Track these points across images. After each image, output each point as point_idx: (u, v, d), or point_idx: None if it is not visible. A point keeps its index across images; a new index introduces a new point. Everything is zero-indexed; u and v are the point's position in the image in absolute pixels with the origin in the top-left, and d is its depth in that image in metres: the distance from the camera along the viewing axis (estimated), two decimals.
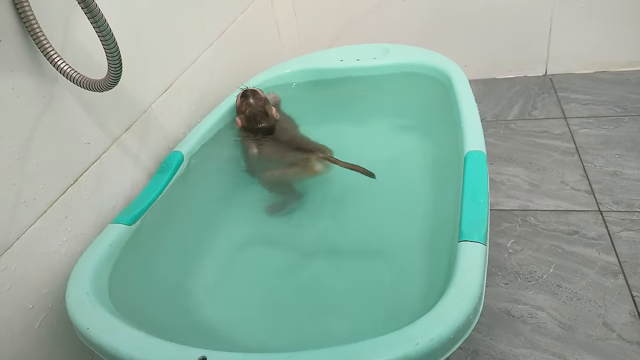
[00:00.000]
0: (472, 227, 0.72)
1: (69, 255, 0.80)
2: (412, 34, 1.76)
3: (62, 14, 0.78)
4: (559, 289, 1.00)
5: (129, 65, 0.95)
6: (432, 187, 1.08)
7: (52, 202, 0.77)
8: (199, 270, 0.97)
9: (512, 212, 1.19)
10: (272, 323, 0.85)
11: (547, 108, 1.56)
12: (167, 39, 1.09)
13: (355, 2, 1.74)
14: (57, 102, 0.78)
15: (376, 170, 1.02)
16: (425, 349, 0.55)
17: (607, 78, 1.65)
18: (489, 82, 1.77)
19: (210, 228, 1.07)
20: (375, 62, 1.28)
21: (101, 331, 0.64)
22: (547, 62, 1.72)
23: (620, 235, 1.09)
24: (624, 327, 0.91)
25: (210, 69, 1.27)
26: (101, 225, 0.87)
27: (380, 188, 1.07)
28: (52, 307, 0.77)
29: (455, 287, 0.62)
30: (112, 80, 0.72)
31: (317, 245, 1.00)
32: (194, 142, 1.06)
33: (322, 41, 1.85)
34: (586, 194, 1.21)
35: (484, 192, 0.79)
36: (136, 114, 0.98)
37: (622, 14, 1.56)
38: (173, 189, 0.96)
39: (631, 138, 1.36)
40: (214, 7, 1.29)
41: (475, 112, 0.99)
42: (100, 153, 0.88)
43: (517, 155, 1.38)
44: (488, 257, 1.03)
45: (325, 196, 1.11)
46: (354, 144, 1.24)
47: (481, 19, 1.68)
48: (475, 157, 0.87)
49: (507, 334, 0.93)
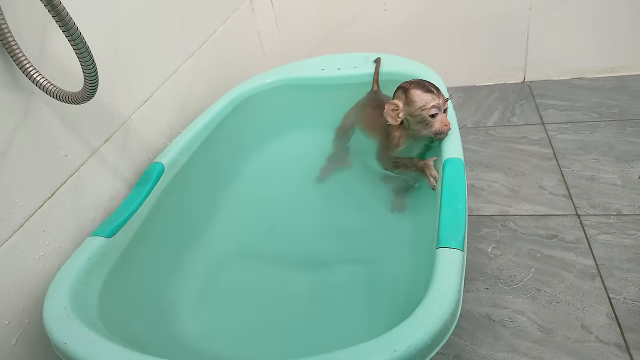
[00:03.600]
0: (450, 234, 0.73)
1: (46, 270, 0.79)
2: (393, 43, 1.78)
3: (38, 27, 0.78)
4: (539, 293, 1.01)
5: (108, 77, 0.95)
6: (413, 193, 1.09)
7: (29, 215, 0.77)
8: (180, 283, 0.97)
9: (492, 218, 1.21)
10: (254, 335, 0.85)
11: (526, 114, 1.59)
12: (147, 50, 1.09)
13: (336, 12, 1.76)
14: (34, 115, 0.78)
15: (356, 177, 1.03)
16: (403, 355, 0.56)
17: (583, 84, 1.69)
18: (469, 90, 1.80)
19: (192, 240, 1.07)
20: (356, 71, 1.29)
21: (79, 346, 0.64)
22: (525, 69, 1.75)
23: (597, 239, 1.11)
24: (602, 329, 0.93)
25: (191, 79, 1.27)
26: (80, 238, 0.86)
27: (360, 195, 1.09)
28: (29, 322, 0.76)
29: (432, 293, 0.63)
30: (89, 92, 0.72)
31: (297, 256, 1.00)
32: (174, 152, 1.06)
33: (304, 50, 1.86)
34: (564, 199, 1.23)
35: (462, 198, 0.80)
36: (115, 125, 0.98)
37: (597, 22, 1.60)
38: (154, 201, 0.96)
39: (607, 143, 1.39)
40: (194, 17, 1.29)
41: (453, 119, 1.01)
42: (79, 165, 0.88)
43: (496, 161, 1.40)
44: (468, 263, 1.05)
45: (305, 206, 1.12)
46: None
47: (460, 28, 1.71)
48: (453, 164, 0.88)
49: (488, 338, 0.94)
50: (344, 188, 1.17)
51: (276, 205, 1.19)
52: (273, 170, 1.30)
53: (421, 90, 0.96)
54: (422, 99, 0.95)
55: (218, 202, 1.17)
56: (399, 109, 0.98)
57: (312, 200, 1.17)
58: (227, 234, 1.11)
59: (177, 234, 1.03)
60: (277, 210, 1.17)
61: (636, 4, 1.54)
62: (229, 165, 1.25)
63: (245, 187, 1.24)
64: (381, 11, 1.73)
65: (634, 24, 1.58)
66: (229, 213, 1.16)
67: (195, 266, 1.02)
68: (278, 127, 1.37)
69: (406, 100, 0.97)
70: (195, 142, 1.12)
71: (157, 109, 1.12)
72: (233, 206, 1.18)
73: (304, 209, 1.13)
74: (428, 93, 0.96)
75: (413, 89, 0.97)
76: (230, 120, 1.23)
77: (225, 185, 1.22)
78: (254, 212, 1.17)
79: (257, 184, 1.25)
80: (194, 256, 1.04)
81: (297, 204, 1.17)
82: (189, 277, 0.99)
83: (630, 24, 1.58)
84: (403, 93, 0.98)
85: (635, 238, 1.09)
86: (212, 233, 1.10)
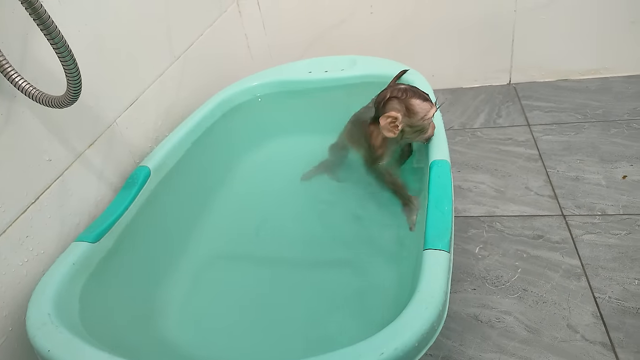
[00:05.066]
0: (436, 235, 0.73)
1: (30, 276, 0.78)
2: (380, 45, 1.79)
3: (20, 30, 0.77)
4: (525, 293, 1.02)
5: (92, 80, 0.94)
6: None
7: (11, 221, 0.75)
8: (166, 288, 0.96)
9: (479, 219, 1.22)
10: (240, 338, 0.85)
11: (512, 116, 1.61)
12: (132, 53, 1.08)
13: (324, 15, 1.77)
14: (16, 120, 0.77)
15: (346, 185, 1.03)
16: (390, 358, 0.56)
17: (568, 86, 1.71)
18: (456, 92, 1.81)
19: (179, 244, 1.06)
20: (343, 74, 1.29)
21: (63, 353, 0.63)
22: (510, 71, 1.77)
23: (583, 239, 1.12)
24: (587, 328, 0.94)
25: (178, 82, 1.27)
26: (64, 243, 0.85)
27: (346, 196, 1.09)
28: (12, 330, 0.74)
29: (419, 295, 0.63)
30: (72, 96, 0.71)
31: (283, 260, 1.00)
32: (161, 156, 1.05)
33: (292, 53, 1.86)
34: (550, 199, 1.24)
35: (448, 200, 0.81)
36: (100, 129, 0.97)
37: (581, 24, 1.62)
38: (140, 205, 0.95)
39: (591, 144, 1.41)
40: (181, 19, 1.29)
41: (440, 121, 1.01)
42: (63, 170, 0.87)
43: (483, 163, 1.41)
44: (455, 264, 1.05)
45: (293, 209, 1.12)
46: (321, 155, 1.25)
47: (447, 31, 1.72)
48: (440, 165, 0.89)
49: (475, 339, 0.95)
50: (332, 192, 1.17)
51: (263, 208, 1.18)
52: (260, 173, 1.29)
53: (420, 99, 0.94)
54: (423, 108, 0.93)
55: (205, 206, 1.16)
56: (397, 121, 0.94)
57: (299, 203, 1.17)
58: (214, 238, 1.10)
59: (164, 238, 1.02)
60: (264, 214, 1.16)
61: (619, 7, 1.57)
62: (216, 168, 1.24)
63: (232, 190, 1.23)
64: (368, 14, 1.73)
65: (617, 27, 1.60)
66: (216, 217, 1.15)
67: (181, 270, 1.01)
68: (265, 130, 1.36)
69: (407, 112, 0.94)
70: (182, 145, 1.11)
71: (143, 112, 1.11)
72: (220, 210, 1.17)
73: (292, 212, 1.13)
74: (426, 101, 0.94)
75: (412, 98, 0.94)
76: (217, 123, 1.23)
77: (212, 188, 1.21)
78: (241, 216, 1.17)
79: (243, 188, 1.25)
80: (181, 260, 1.03)
81: (284, 207, 1.16)
82: (175, 281, 0.99)
83: (613, 27, 1.60)
84: (400, 104, 0.94)
85: (619, 238, 1.10)
86: (199, 237, 1.10)
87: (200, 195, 1.17)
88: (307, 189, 1.18)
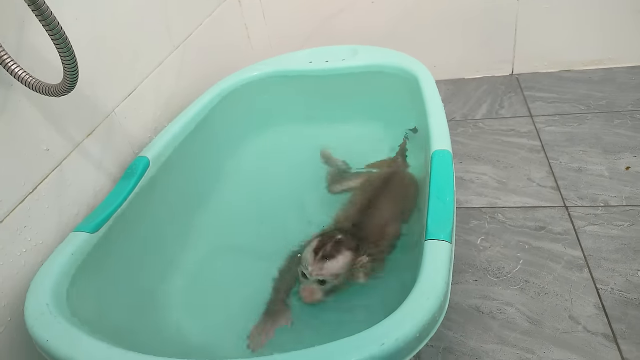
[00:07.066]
0: (438, 226, 0.72)
1: (28, 266, 0.78)
2: (381, 35, 1.77)
3: (16, 18, 0.76)
4: (527, 284, 1.02)
5: (89, 69, 0.93)
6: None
7: (9, 211, 0.75)
8: (164, 279, 0.96)
9: (481, 210, 1.21)
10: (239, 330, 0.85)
11: (514, 107, 1.59)
12: (130, 42, 1.06)
13: (324, 4, 1.75)
14: (12, 108, 0.76)
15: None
16: (391, 348, 0.56)
17: (571, 77, 1.69)
18: (458, 82, 1.80)
19: (178, 234, 1.05)
20: (344, 64, 1.28)
21: (61, 343, 0.62)
22: (513, 62, 1.75)
23: (585, 230, 1.11)
24: (589, 319, 0.93)
25: (177, 72, 1.25)
26: (63, 233, 0.84)
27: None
28: (10, 320, 0.74)
29: (420, 285, 0.63)
30: (69, 84, 0.70)
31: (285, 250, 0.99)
32: (160, 146, 1.04)
33: (292, 43, 1.84)
34: (552, 190, 1.23)
35: (450, 190, 0.80)
36: (98, 118, 0.96)
37: (584, 14, 1.60)
38: (139, 195, 0.94)
39: (594, 135, 1.39)
40: (179, 8, 1.27)
41: (442, 111, 1.00)
42: (61, 159, 0.86)
43: (485, 154, 1.40)
44: (457, 255, 1.05)
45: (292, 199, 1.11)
46: (322, 144, 1.25)
47: (449, 21, 1.70)
48: (442, 156, 0.88)
49: (477, 330, 0.94)
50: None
51: (265, 198, 1.18)
52: (260, 163, 1.29)
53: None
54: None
55: (204, 196, 1.16)
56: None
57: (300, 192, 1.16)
58: (214, 228, 1.10)
59: (163, 228, 1.02)
60: (266, 204, 1.16)
61: None
62: (215, 158, 1.23)
63: (232, 180, 1.23)
64: (369, 3, 1.71)
65: (621, 16, 1.58)
66: (216, 207, 1.14)
67: (181, 260, 1.01)
68: (265, 121, 1.35)
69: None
70: (182, 136, 1.10)
71: (141, 102, 1.10)
72: (220, 200, 1.16)
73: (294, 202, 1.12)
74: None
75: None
76: (217, 113, 1.22)
77: (212, 179, 1.21)
78: (242, 206, 1.16)
79: (243, 178, 1.24)
80: (180, 250, 1.03)
81: (286, 197, 1.15)
82: (175, 271, 0.98)
83: (617, 16, 1.59)
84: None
85: (622, 229, 1.10)
86: (199, 227, 1.09)
87: (200, 184, 1.16)
88: (307, 177, 1.17)
